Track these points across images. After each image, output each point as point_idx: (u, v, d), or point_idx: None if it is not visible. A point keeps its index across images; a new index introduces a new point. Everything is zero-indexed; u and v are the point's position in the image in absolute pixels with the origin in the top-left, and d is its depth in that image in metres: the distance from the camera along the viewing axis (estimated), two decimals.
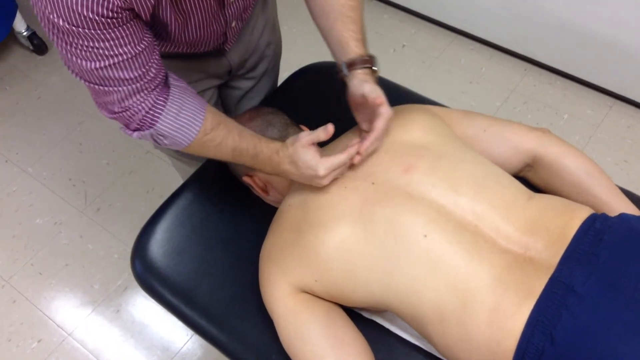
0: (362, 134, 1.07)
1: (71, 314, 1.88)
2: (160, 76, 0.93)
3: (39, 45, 2.59)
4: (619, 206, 1.03)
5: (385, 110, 1.01)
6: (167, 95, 0.94)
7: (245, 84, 1.40)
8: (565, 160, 1.08)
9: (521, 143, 1.10)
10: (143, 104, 0.91)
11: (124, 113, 0.92)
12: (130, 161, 2.24)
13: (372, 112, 1.03)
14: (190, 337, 1.80)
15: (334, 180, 1.02)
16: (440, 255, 0.90)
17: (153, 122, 0.93)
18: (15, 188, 2.21)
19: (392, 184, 0.98)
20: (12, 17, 2.47)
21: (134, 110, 0.91)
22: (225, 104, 1.45)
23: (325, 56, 1.20)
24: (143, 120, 0.93)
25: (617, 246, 0.88)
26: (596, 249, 0.88)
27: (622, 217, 0.93)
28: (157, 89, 0.93)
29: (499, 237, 0.92)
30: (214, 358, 1.75)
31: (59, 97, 2.48)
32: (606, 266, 0.85)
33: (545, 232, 0.91)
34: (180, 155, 1.42)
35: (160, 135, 0.95)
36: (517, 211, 0.94)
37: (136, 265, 1.18)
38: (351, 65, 1.06)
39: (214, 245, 1.20)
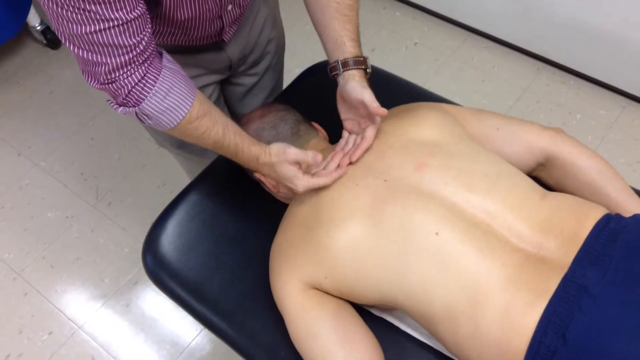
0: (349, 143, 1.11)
1: (82, 307, 1.90)
2: (150, 51, 0.91)
3: (52, 40, 2.61)
4: (633, 207, 1.02)
5: (379, 120, 1.06)
6: (158, 75, 0.93)
7: (248, 81, 1.40)
8: (579, 160, 1.07)
9: (534, 142, 1.10)
10: (130, 78, 0.90)
11: (110, 85, 0.90)
12: (141, 156, 2.25)
13: (361, 116, 1.07)
14: (199, 332, 1.80)
15: (346, 177, 1.02)
16: (451, 254, 0.90)
17: (139, 100, 0.92)
18: (28, 181, 2.22)
19: (404, 181, 0.98)
20: (26, 11, 2.48)
21: (121, 84, 0.90)
22: (228, 101, 1.45)
23: None
24: (129, 96, 0.92)
25: (632, 247, 0.87)
26: (610, 249, 0.87)
27: (637, 217, 0.92)
28: (146, 64, 0.91)
29: (511, 236, 0.91)
30: (223, 353, 1.76)
31: (72, 92, 2.49)
32: (620, 267, 0.85)
33: (559, 232, 0.91)
34: (187, 152, 1.42)
35: (145, 114, 0.94)
36: (530, 210, 0.93)
37: (147, 260, 1.19)
38: (345, 64, 1.07)
39: (224, 241, 1.20)
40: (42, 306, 1.91)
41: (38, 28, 2.57)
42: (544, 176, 1.13)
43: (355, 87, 1.05)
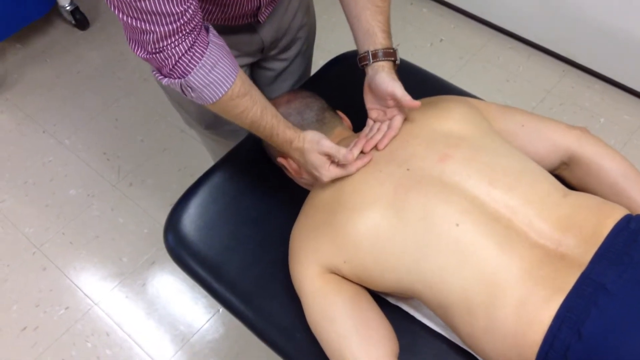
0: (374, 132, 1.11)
1: (99, 284, 1.93)
2: (197, 20, 0.92)
3: (81, 21, 2.64)
4: None
5: (406, 110, 1.08)
6: (205, 49, 0.94)
7: (278, 65, 1.41)
8: (603, 160, 1.07)
9: (559, 141, 1.10)
10: (178, 48, 0.91)
11: (157, 55, 0.91)
12: (164, 139, 2.27)
13: (387, 106, 1.09)
14: (213, 315, 1.83)
15: (369, 164, 1.03)
16: (471, 246, 0.91)
17: (186, 71, 0.93)
18: (51, 158, 2.26)
19: (427, 171, 0.98)
20: None
21: (168, 54, 0.91)
22: (258, 85, 1.45)
23: None
24: (176, 67, 0.93)
25: None
26: (630, 249, 0.87)
27: None
28: (193, 35, 0.92)
29: (531, 232, 0.91)
30: (237, 335, 1.78)
31: (98, 73, 2.52)
32: (639, 266, 0.85)
33: (579, 230, 0.91)
34: (214, 134, 1.44)
35: (189, 86, 0.95)
36: (551, 207, 0.94)
37: (169, 238, 1.21)
38: (375, 55, 1.09)
39: (245, 223, 1.22)
40: (59, 281, 1.95)
41: (67, 8, 2.60)
42: (567, 175, 1.13)
43: (385, 79, 1.06)
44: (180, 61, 0.92)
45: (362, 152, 1.07)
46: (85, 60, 2.59)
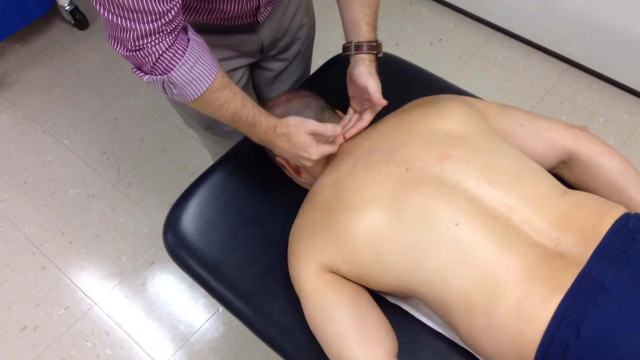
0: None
1: (98, 284, 1.93)
2: (178, 21, 0.92)
3: (80, 20, 2.64)
4: None
5: (379, 109, 1.13)
6: (186, 46, 0.95)
7: (277, 66, 1.41)
8: (602, 159, 1.07)
9: (558, 140, 1.10)
10: (157, 46, 0.91)
11: (137, 52, 0.91)
12: (163, 139, 2.27)
13: (364, 98, 1.13)
14: (213, 314, 1.83)
15: (369, 163, 1.03)
16: (470, 245, 0.91)
17: (168, 68, 0.94)
18: (51, 158, 2.26)
19: (426, 171, 0.98)
20: None
21: (148, 52, 0.91)
22: (257, 85, 1.47)
23: None
24: (157, 64, 0.93)
25: None
26: (628, 247, 0.87)
27: None
28: (173, 35, 0.92)
29: (530, 231, 0.92)
30: (236, 335, 1.78)
31: (98, 73, 2.53)
32: (638, 265, 0.85)
33: (578, 229, 0.91)
34: (213, 133, 1.44)
35: (172, 83, 0.96)
36: (550, 206, 0.94)
37: (168, 237, 1.21)
38: (358, 47, 1.13)
39: (244, 223, 1.22)
40: (59, 281, 1.95)
41: (67, 8, 2.60)
42: (565, 174, 1.13)
43: (362, 72, 1.11)
44: (162, 59, 0.93)
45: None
46: (84, 60, 2.59)
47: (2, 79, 2.55)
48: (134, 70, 0.98)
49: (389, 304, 1.07)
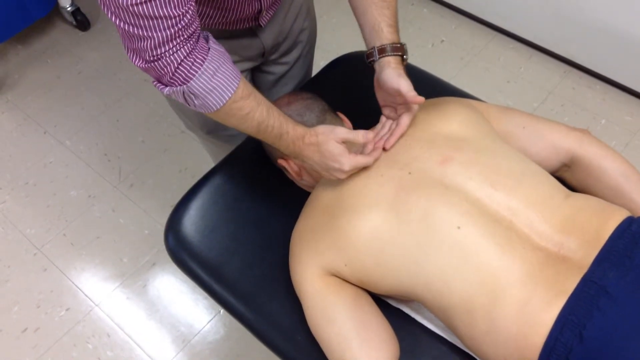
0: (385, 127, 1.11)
1: (99, 285, 1.93)
2: (194, 26, 0.90)
3: (82, 21, 2.64)
4: None
5: (416, 107, 1.05)
6: (206, 54, 0.92)
7: (279, 69, 1.41)
8: (604, 162, 1.07)
9: (560, 142, 1.10)
10: (176, 54, 0.89)
11: (156, 63, 0.89)
12: (165, 140, 2.27)
13: (398, 103, 1.07)
14: (214, 316, 1.82)
15: (370, 168, 1.03)
16: (472, 248, 0.91)
17: (187, 78, 0.91)
18: (52, 159, 2.26)
19: (428, 174, 0.98)
20: None
21: (167, 60, 0.89)
22: (259, 89, 1.45)
23: (364, 47, 1.21)
24: (176, 74, 0.91)
25: None
26: (631, 251, 0.87)
27: None
28: (191, 42, 0.90)
29: (532, 234, 0.91)
30: (237, 337, 1.78)
31: (99, 74, 2.52)
32: None
33: (580, 232, 0.91)
34: (215, 138, 1.44)
35: (192, 93, 0.93)
36: (553, 209, 0.94)
37: (169, 239, 1.21)
38: (382, 51, 1.07)
39: (245, 225, 1.21)
40: (60, 282, 1.94)
41: (68, 9, 2.60)
42: (568, 177, 1.13)
43: (391, 75, 1.05)
44: (181, 67, 0.90)
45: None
46: (86, 61, 2.59)
47: (3, 80, 2.55)
48: (155, 83, 0.95)
49: (391, 307, 1.06)
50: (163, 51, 0.88)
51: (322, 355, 0.98)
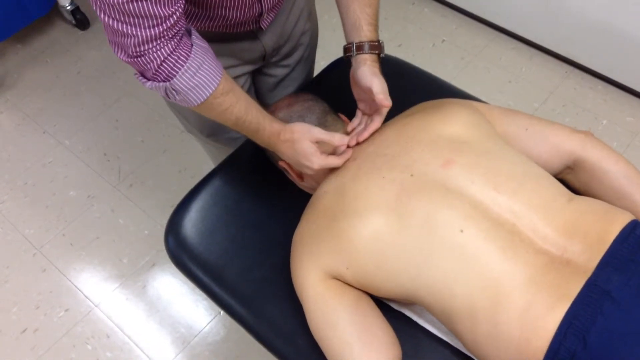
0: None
1: (99, 286, 1.92)
2: (180, 26, 0.91)
3: (81, 20, 2.63)
4: None
5: (385, 110, 1.09)
6: (189, 52, 0.93)
7: (280, 72, 1.40)
8: (607, 164, 1.06)
9: (563, 144, 1.09)
10: (159, 52, 0.90)
11: (139, 59, 0.90)
12: (164, 140, 2.26)
13: (372, 100, 1.10)
14: (214, 317, 1.82)
15: (372, 169, 1.02)
16: (475, 252, 0.90)
17: (170, 75, 0.93)
18: (51, 159, 2.25)
19: (430, 177, 0.97)
20: None
21: (150, 58, 0.90)
22: (259, 91, 1.45)
23: None
24: (160, 71, 0.92)
25: None
26: (636, 255, 0.86)
27: None
28: (175, 40, 0.91)
29: (536, 237, 0.90)
30: (237, 338, 1.77)
31: (98, 73, 2.52)
32: None
33: (584, 235, 0.90)
34: (215, 140, 1.43)
35: (174, 90, 0.95)
36: (556, 212, 0.93)
37: (169, 241, 1.20)
38: (359, 48, 1.11)
39: (246, 228, 1.21)
40: (60, 283, 1.94)
41: (68, 8, 2.59)
42: (570, 179, 1.12)
43: (365, 73, 1.09)
44: (164, 64, 0.91)
45: (348, 146, 1.10)
46: (85, 60, 2.58)
47: (3, 79, 2.54)
48: (137, 75, 0.96)
49: (393, 310, 1.06)
50: (146, 48, 0.89)
51: (323, 358, 0.97)
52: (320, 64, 1.52)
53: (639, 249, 0.87)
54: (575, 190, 1.09)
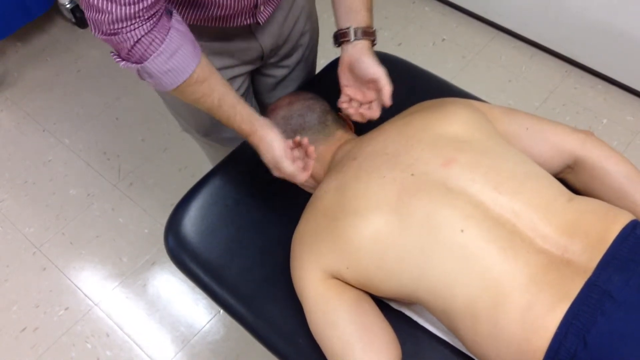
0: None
1: (99, 284, 1.92)
2: (158, 7, 0.89)
3: (81, 19, 2.62)
4: None
5: (388, 103, 1.08)
6: (165, 35, 0.91)
7: (279, 72, 1.39)
8: (607, 164, 1.06)
9: (563, 144, 1.09)
10: (133, 32, 0.88)
11: (113, 37, 0.88)
12: (164, 139, 2.26)
13: (368, 88, 1.09)
14: (214, 316, 1.82)
15: (372, 168, 1.02)
16: (475, 252, 0.90)
17: (143, 57, 0.91)
18: (51, 158, 2.25)
19: (431, 176, 0.97)
20: None
21: (123, 37, 0.88)
22: (259, 92, 1.44)
23: None
24: (132, 52, 0.90)
25: None
26: (636, 255, 0.86)
27: None
28: (152, 21, 0.89)
29: (536, 237, 0.90)
30: (236, 337, 1.77)
31: (98, 72, 2.51)
32: None
33: (584, 235, 0.90)
34: (211, 140, 1.43)
35: (147, 72, 0.94)
36: (557, 212, 0.93)
37: (169, 240, 1.20)
38: (358, 33, 1.08)
39: (246, 227, 1.20)
40: (59, 282, 1.94)
41: (67, 6, 2.59)
42: (571, 179, 1.12)
43: (371, 63, 1.07)
44: (138, 45, 0.90)
45: (354, 122, 1.10)
46: (85, 58, 2.57)
47: (2, 78, 2.53)
48: (112, 53, 0.94)
49: (393, 310, 1.06)
50: (121, 27, 0.87)
51: (323, 358, 0.97)
52: (321, 63, 1.51)
53: (639, 249, 0.87)
54: (575, 190, 1.09)
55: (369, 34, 1.09)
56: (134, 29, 0.88)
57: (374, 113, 1.11)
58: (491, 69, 2.33)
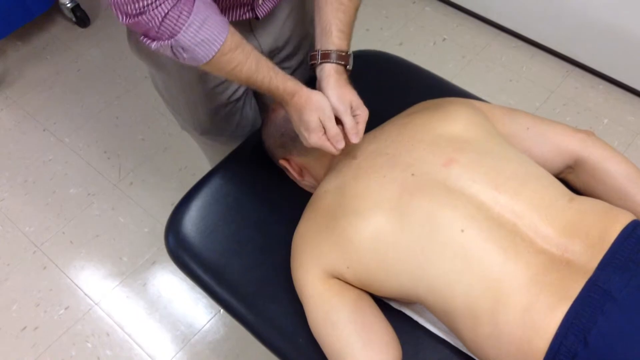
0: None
1: (99, 284, 1.92)
2: None
3: (81, 18, 2.62)
4: None
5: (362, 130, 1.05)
6: (192, 6, 0.91)
7: None
8: (609, 164, 1.06)
9: (564, 144, 1.09)
10: (159, 9, 0.88)
11: (140, 17, 0.88)
12: (165, 138, 2.26)
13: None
14: (214, 315, 1.82)
15: (373, 168, 1.02)
16: (476, 252, 0.90)
17: (174, 31, 0.91)
18: (52, 157, 2.25)
19: (431, 176, 0.97)
20: None
21: (150, 15, 0.88)
22: (260, 92, 1.44)
23: (365, 45, 1.18)
24: (162, 28, 0.90)
25: None
26: (637, 255, 0.86)
27: None
28: None
29: (537, 237, 0.90)
30: (237, 337, 1.77)
31: (99, 71, 2.51)
32: None
33: (585, 235, 0.90)
34: (210, 138, 1.42)
35: (181, 47, 0.93)
36: (557, 212, 0.93)
37: (169, 239, 1.20)
38: (325, 56, 1.06)
39: (246, 226, 1.20)
40: (60, 281, 1.93)
41: (68, 5, 2.58)
42: (572, 179, 1.12)
43: (330, 92, 1.04)
44: (167, 20, 0.90)
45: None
46: (85, 57, 2.57)
47: (3, 76, 2.53)
48: (142, 38, 0.94)
49: (393, 310, 1.06)
50: (145, 4, 0.87)
51: (323, 357, 0.97)
52: None
53: (639, 250, 0.87)
54: (576, 190, 1.09)
55: (339, 57, 1.06)
56: (160, 4, 0.88)
57: (340, 143, 1.05)
58: (492, 69, 2.33)
